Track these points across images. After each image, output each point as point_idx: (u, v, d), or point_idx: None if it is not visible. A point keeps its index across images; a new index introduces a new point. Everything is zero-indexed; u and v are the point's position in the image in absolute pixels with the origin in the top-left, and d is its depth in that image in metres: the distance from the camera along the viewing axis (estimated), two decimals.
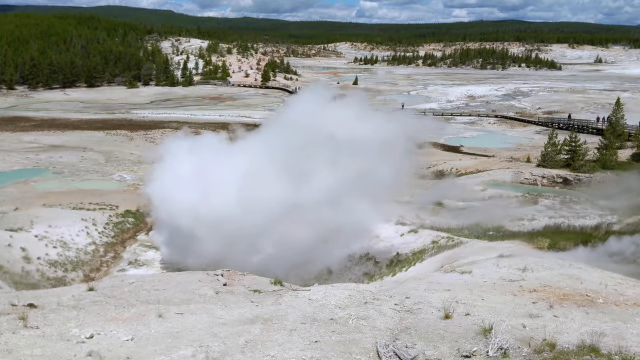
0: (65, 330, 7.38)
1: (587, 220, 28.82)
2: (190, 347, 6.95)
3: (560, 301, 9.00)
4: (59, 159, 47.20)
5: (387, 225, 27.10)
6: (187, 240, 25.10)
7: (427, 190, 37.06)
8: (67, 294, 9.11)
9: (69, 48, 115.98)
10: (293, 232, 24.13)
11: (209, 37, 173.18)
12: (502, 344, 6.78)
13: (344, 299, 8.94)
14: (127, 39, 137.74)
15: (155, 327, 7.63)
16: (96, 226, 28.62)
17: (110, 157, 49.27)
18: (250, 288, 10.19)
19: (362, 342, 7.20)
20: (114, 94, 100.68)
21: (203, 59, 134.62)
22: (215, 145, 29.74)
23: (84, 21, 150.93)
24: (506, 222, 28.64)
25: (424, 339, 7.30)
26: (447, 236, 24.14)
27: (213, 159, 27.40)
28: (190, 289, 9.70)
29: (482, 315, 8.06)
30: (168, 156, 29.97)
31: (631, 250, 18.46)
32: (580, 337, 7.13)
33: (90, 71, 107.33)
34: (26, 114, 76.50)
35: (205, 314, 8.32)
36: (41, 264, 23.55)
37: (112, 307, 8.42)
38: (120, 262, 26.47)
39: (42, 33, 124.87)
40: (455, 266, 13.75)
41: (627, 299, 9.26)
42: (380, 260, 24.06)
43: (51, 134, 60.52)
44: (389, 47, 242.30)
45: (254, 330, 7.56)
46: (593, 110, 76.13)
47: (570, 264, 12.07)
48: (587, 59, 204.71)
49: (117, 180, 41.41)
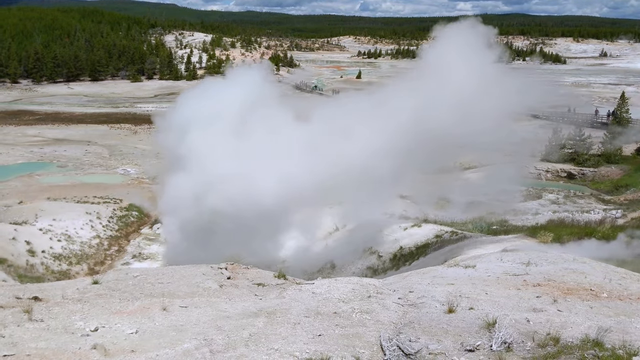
0: (69, 323, 7.40)
1: (592, 215, 28.77)
2: (194, 340, 6.97)
3: (565, 295, 8.98)
4: (63, 153, 47.31)
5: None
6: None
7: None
8: (71, 287, 9.13)
9: (72, 42, 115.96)
10: None
11: (212, 31, 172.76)
12: (506, 338, 6.77)
13: (347, 293, 8.94)
14: (130, 33, 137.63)
15: (159, 320, 7.65)
16: (100, 220, 28.73)
17: (114, 151, 49.35)
18: (254, 281, 10.20)
19: (365, 336, 7.21)
20: (118, 87, 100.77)
21: (207, 53, 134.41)
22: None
23: (88, 15, 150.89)
24: (510, 217, 28.64)
25: (428, 333, 7.30)
26: (450, 230, 24.14)
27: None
28: (194, 282, 9.72)
29: (485, 310, 8.05)
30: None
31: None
32: (584, 331, 7.11)
33: (94, 65, 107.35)
34: (30, 108, 76.62)
35: (210, 307, 8.33)
36: (45, 257, 23.65)
37: (117, 301, 8.44)
38: (124, 256, 26.58)
39: (46, 27, 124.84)
40: (459, 260, 13.73)
41: (631, 293, 9.24)
42: (384, 254, 24.08)
43: (55, 128, 60.63)
44: (392, 40, 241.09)
45: (258, 324, 7.57)
46: (598, 104, 75.75)
47: (575, 259, 12.04)
48: (592, 52, 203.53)
49: (121, 174, 41.52)
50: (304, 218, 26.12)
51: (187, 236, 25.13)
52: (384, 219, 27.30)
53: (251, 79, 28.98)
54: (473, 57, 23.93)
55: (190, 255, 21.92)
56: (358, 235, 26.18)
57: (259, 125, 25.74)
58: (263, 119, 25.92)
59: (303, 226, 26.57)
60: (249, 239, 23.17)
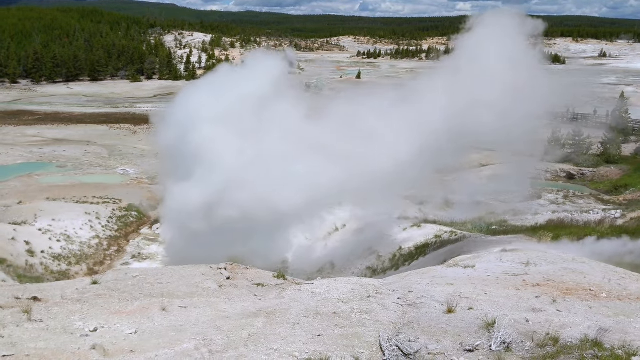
0: (69, 323, 7.40)
1: (591, 215, 28.79)
2: (193, 340, 6.97)
3: (564, 295, 8.99)
4: (63, 153, 47.26)
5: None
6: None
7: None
8: (71, 288, 9.13)
9: (72, 42, 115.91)
10: None
11: (212, 31, 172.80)
12: (505, 338, 6.77)
13: (346, 293, 8.95)
14: (130, 33, 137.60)
15: (159, 321, 7.65)
16: (100, 220, 28.70)
17: (114, 151, 49.31)
18: (254, 282, 10.21)
19: (365, 336, 7.21)
20: (117, 87, 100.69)
21: (206, 53, 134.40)
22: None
23: (87, 15, 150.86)
24: (509, 217, 28.64)
25: (427, 333, 7.30)
26: (450, 230, 24.14)
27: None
28: (194, 282, 9.72)
29: (485, 310, 8.06)
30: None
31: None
32: (583, 331, 7.12)
33: (93, 65, 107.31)
34: (29, 108, 76.54)
35: (209, 308, 8.33)
36: (45, 257, 23.63)
37: (116, 301, 8.44)
38: (123, 256, 26.55)
39: (46, 27, 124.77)
40: (458, 260, 13.74)
41: (630, 293, 9.25)
42: (383, 254, 24.07)
43: (54, 128, 60.56)
44: (392, 40, 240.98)
45: (257, 324, 7.58)
46: (597, 104, 75.68)
47: (574, 259, 12.05)
48: (592, 52, 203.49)
49: (120, 174, 41.48)
50: (307, 218, 25.79)
51: (188, 240, 24.64)
52: (383, 219, 27.27)
53: (271, 70, 26.89)
54: (519, 54, 22.82)
55: (191, 255, 21.89)
56: (358, 235, 26.19)
57: (276, 125, 24.68)
58: (283, 118, 24.78)
59: (305, 226, 26.40)
60: (252, 240, 22.99)
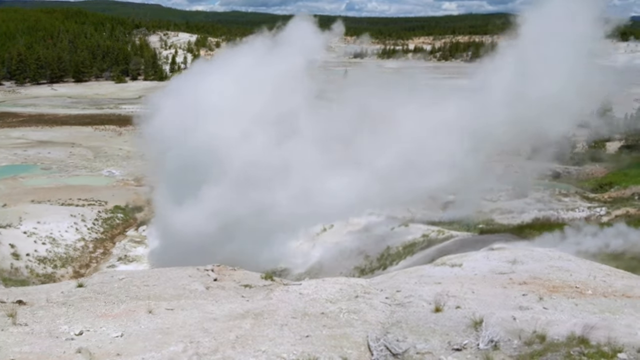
0: (54, 327, 7.31)
1: (577, 212, 29.04)
2: (180, 343, 6.92)
3: (550, 293, 9.04)
4: (47, 155, 46.85)
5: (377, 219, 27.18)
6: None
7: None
8: (56, 291, 9.03)
9: (56, 43, 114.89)
10: None
11: (197, 31, 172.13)
12: (493, 336, 6.80)
13: (334, 293, 8.93)
14: (114, 34, 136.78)
15: (145, 323, 7.59)
16: (85, 222, 28.49)
17: (99, 153, 48.97)
18: (241, 283, 10.15)
19: (353, 336, 7.20)
20: (102, 89, 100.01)
21: (192, 53, 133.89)
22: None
23: (71, 16, 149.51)
24: (496, 215, 28.80)
25: (415, 332, 7.31)
26: (437, 229, 24.22)
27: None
28: (181, 284, 9.65)
29: (472, 308, 8.08)
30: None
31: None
32: (570, 328, 7.16)
33: (77, 66, 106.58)
34: (13, 110, 75.79)
35: (196, 310, 8.28)
36: (30, 260, 23.42)
37: (102, 304, 8.36)
38: (109, 258, 26.37)
39: (29, 28, 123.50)
40: (446, 259, 13.77)
41: (615, 290, 9.32)
42: (371, 254, 24.09)
43: (39, 130, 60.01)
44: (378, 40, 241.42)
45: (245, 326, 7.54)
46: None
47: (560, 256, 12.12)
48: None
49: (106, 176, 41.21)
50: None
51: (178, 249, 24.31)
52: (371, 219, 27.31)
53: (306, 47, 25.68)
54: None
55: (179, 257, 21.62)
56: (346, 236, 26.19)
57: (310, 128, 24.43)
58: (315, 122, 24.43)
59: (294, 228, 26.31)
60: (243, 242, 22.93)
